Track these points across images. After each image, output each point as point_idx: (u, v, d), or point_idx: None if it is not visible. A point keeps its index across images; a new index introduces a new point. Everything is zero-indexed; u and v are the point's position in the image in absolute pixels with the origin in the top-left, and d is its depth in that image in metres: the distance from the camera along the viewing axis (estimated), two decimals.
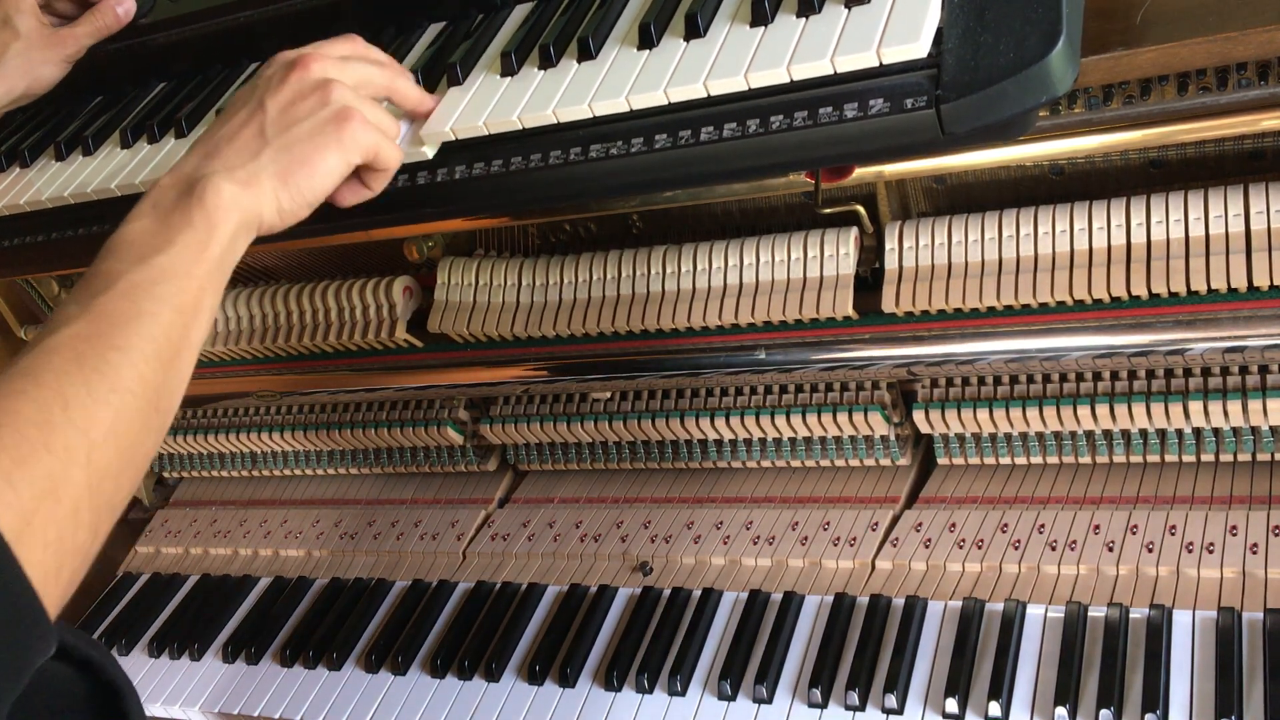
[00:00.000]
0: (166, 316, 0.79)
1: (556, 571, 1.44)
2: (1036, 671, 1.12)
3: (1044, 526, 1.25)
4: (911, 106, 0.80)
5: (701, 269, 1.28)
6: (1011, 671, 1.12)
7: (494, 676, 1.31)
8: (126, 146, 1.21)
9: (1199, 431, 1.20)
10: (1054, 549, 1.22)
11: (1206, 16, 0.92)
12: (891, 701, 1.12)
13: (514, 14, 1.10)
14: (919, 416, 1.29)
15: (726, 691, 1.20)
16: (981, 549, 1.25)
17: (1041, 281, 1.14)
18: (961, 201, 1.24)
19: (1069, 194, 1.18)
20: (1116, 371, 1.20)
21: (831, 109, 0.83)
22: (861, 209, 1.22)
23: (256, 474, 1.78)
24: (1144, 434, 1.23)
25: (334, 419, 1.61)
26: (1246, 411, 1.15)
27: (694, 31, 0.92)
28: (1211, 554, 1.15)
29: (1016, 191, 1.22)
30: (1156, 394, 1.18)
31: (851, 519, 1.35)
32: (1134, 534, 1.20)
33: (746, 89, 0.87)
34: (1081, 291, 1.12)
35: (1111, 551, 1.19)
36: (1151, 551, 1.18)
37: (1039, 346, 1.14)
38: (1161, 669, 1.06)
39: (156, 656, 1.54)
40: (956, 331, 1.17)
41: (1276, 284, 1.06)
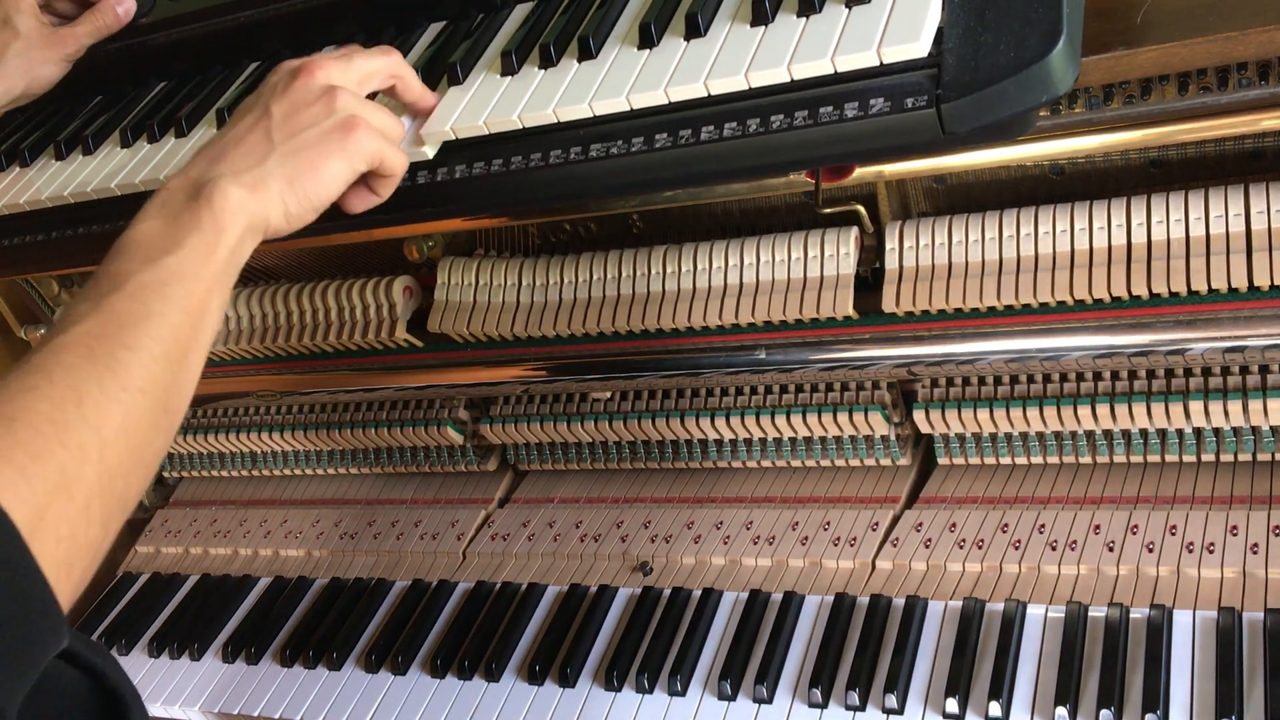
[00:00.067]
0: (175, 317, 0.80)
1: (556, 571, 1.43)
2: (1037, 671, 1.11)
3: (1044, 526, 1.25)
4: (912, 106, 0.80)
5: (701, 269, 1.28)
6: (1012, 671, 1.12)
7: (494, 676, 1.31)
8: (126, 146, 1.21)
9: (1199, 431, 1.20)
10: (1054, 549, 1.22)
11: (1207, 16, 0.92)
12: (892, 701, 1.12)
13: (514, 13, 1.10)
14: (919, 416, 1.29)
15: (726, 691, 1.20)
16: (982, 549, 1.25)
17: (1042, 281, 1.14)
18: (962, 201, 1.24)
19: (1069, 194, 1.18)
20: (1117, 371, 1.20)
21: (832, 108, 0.83)
22: (862, 209, 1.22)
23: (256, 474, 1.77)
24: (1144, 434, 1.23)
25: (334, 419, 1.61)
26: (1247, 411, 1.15)
27: (694, 31, 0.92)
28: (1212, 554, 1.15)
29: (1017, 191, 1.22)
30: (1157, 394, 1.18)
31: (852, 519, 1.35)
32: (1134, 534, 1.20)
33: (747, 88, 0.87)
34: (1082, 291, 1.12)
35: (1112, 551, 1.19)
36: (1152, 551, 1.18)
37: (1039, 346, 1.14)
38: (1162, 669, 1.06)
39: (156, 656, 1.54)
40: (957, 331, 1.17)
41: (1277, 284, 1.06)
